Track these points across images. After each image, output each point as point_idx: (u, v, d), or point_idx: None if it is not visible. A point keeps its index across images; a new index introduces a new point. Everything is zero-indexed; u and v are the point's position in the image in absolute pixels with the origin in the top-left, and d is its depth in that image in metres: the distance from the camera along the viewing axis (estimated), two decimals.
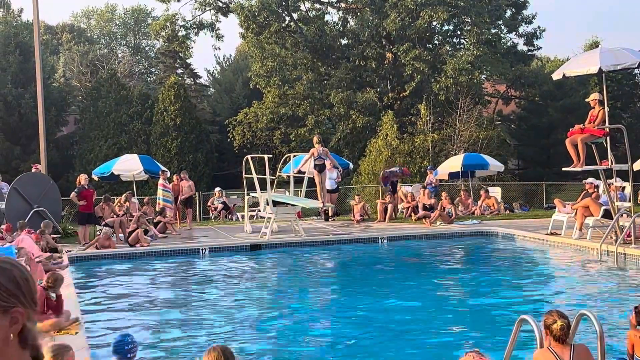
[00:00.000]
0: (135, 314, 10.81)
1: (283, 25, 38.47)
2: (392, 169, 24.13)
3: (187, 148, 39.73)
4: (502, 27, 40.07)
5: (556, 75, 16.24)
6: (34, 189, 19.15)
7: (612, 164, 15.22)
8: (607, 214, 15.47)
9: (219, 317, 10.54)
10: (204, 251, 16.95)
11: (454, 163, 26.52)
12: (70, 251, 16.45)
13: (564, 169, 15.88)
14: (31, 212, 18.58)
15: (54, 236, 17.59)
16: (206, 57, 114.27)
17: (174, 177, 22.68)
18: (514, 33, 41.42)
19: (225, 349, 4.72)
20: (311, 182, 21.10)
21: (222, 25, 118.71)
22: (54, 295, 9.11)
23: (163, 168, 24.26)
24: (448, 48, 38.29)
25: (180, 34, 40.96)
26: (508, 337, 6.08)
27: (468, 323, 9.91)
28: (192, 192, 22.27)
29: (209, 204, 26.73)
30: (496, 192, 24.35)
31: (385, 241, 18.16)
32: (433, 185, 23.37)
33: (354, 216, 21.90)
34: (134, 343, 5.58)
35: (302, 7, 39.62)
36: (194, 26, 40.87)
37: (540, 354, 5.39)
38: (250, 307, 11.35)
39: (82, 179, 18.87)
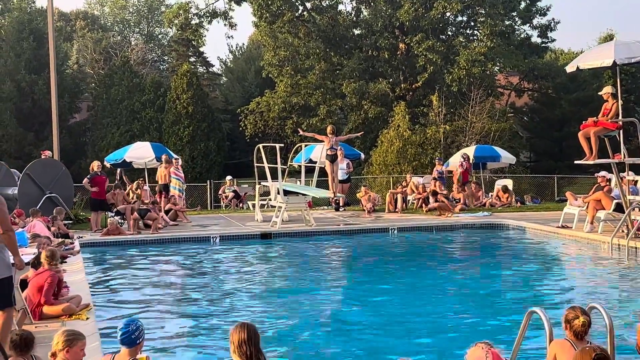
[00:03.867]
0: (145, 300, 10.88)
1: (296, 14, 38.42)
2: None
3: (199, 136, 39.77)
4: (516, 18, 39.85)
5: (570, 68, 16.13)
6: (47, 175, 19.24)
7: (624, 157, 15.15)
8: (619, 208, 15.40)
9: (227, 303, 10.59)
10: (214, 239, 17.02)
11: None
12: (81, 237, 16.55)
13: (576, 162, 15.81)
14: (43, 198, 18.68)
15: (66, 222, 17.70)
16: (219, 45, 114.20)
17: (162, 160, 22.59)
18: (527, 25, 41.14)
19: (251, 325, 4.83)
20: (322, 172, 21.12)
21: (235, 14, 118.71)
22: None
23: (175, 156, 24.28)
24: (461, 39, 38.08)
25: (193, 22, 41.01)
26: (517, 329, 6.09)
27: (477, 314, 9.90)
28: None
29: (220, 192, 26.80)
30: (508, 184, 24.28)
31: (395, 231, 18.16)
32: (442, 175, 23.30)
33: (364, 207, 21.87)
34: (139, 328, 5.57)
35: None
36: (207, 14, 40.88)
37: (559, 344, 5.43)
38: (259, 295, 11.39)
39: (95, 165, 18.96)
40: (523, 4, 39.94)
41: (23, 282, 9.13)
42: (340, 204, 22.59)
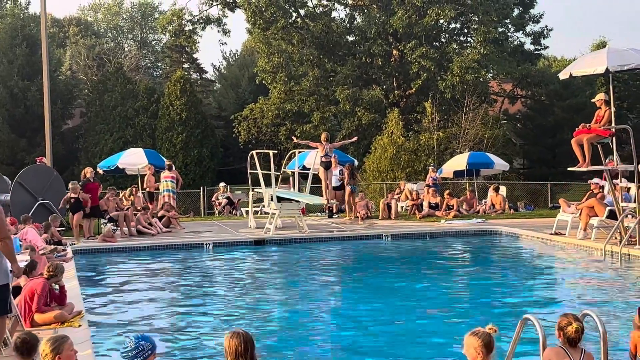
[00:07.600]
0: (138, 307, 10.84)
1: (290, 21, 38.44)
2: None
3: (192, 143, 39.74)
4: (509, 25, 40.00)
5: (563, 75, 16.18)
6: (38, 181, 19.19)
7: (617, 164, 15.18)
8: (612, 215, 15.43)
9: (221, 311, 10.56)
10: (207, 246, 16.97)
11: (459, 161, 26.50)
12: (74, 244, 16.49)
13: (569, 168, 15.84)
14: (36, 205, 18.62)
15: (59, 229, 17.63)
16: (212, 52, 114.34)
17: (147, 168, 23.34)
18: (521, 32, 41.34)
19: (246, 333, 4.77)
20: (315, 178, 21.10)
21: (229, 21, 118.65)
22: (57, 286, 9.13)
23: (168, 162, 24.11)
24: (455, 46, 38.20)
25: (187, 28, 41.03)
26: (510, 337, 6.07)
27: (469, 322, 9.88)
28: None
29: (213, 199, 26.75)
30: (501, 191, 24.31)
31: (388, 238, 18.16)
32: (436, 182, 23.34)
33: (358, 213, 21.86)
34: (137, 347, 5.28)
35: (309, 4, 39.60)
36: (201, 21, 40.91)
37: (553, 352, 5.42)
38: (252, 301, 11.36)
39: (88, 172, 18.92)
40: (516, 11, 40.09)
41: (15, 288, 9.09)
42: (334, 211, 22.58)
